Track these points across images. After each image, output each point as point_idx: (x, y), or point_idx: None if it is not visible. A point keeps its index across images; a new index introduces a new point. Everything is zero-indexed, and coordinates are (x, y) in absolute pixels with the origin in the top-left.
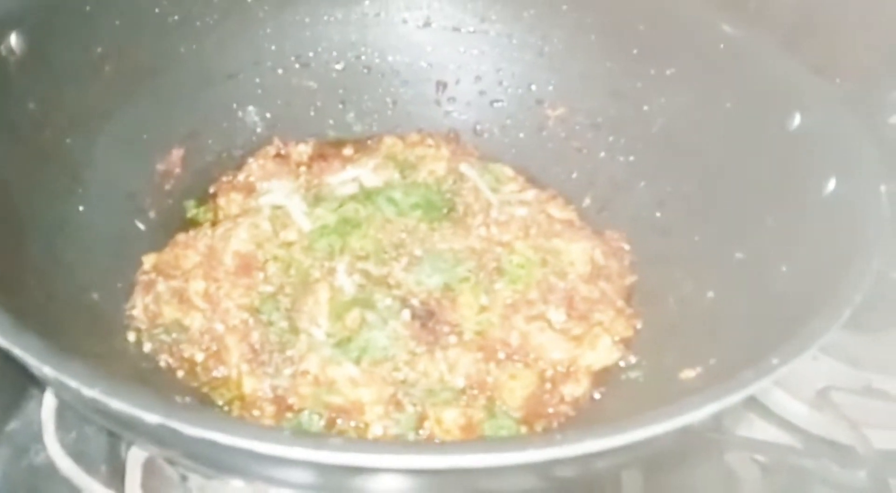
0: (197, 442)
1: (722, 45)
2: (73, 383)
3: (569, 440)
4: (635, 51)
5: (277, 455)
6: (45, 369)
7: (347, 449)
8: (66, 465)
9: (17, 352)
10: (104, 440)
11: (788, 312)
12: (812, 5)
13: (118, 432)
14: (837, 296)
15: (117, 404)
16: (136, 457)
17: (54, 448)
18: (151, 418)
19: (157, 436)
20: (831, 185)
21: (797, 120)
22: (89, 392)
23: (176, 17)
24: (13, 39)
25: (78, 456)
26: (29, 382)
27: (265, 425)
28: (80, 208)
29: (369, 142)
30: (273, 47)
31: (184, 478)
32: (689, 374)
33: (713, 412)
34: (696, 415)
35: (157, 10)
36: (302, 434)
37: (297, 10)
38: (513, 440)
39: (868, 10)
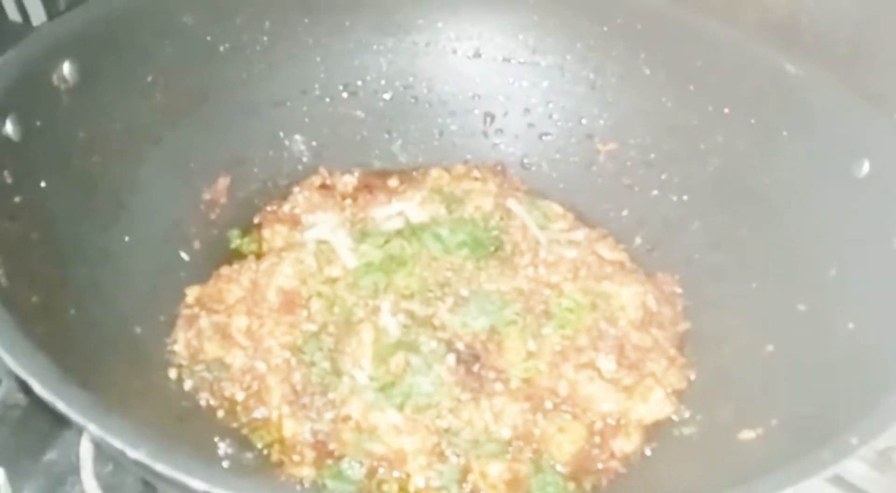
0: None
1: (783, 84)
2: (117, 444)
3: None
4: (692, 87)
5: None
6: (90, 427)
7: None
8: None
9: (61, 407)
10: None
11: (856, 375)
12: (869, 36)
13: (157, 485)
14: None
15: (162, 468)
16: None
17: (91, 486)
18: (198, 485)
19: None
20: None
21: (866, 167)
22: (134, 454)
23: (227, 45)
24: (66, 68)
25: (113, 491)
26: None
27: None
28: (126, 238)
29: (415, 173)
30: (321, 75)
31: None
32: (748, 435)
33: None
34: None
35: (208, 38)
36: None
37: (346, 38)
38: None
39: None
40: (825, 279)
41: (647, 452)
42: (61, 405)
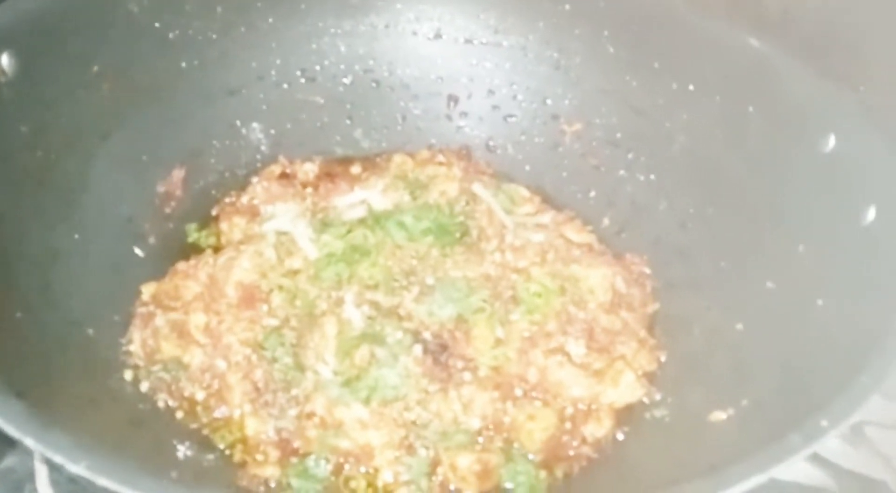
0: None
1: (749, 60)
2: (56, 458)
3: None
4: (656, 64)
5: None
6: (26, 441)
7: None
8: None
9: None
10: None
11: (826, 352)
12: (835, 15)
13: None
14: (883, 343)
15: (104, 482)
16: None
17: None
18: None
19: None
20: (871, 214)
21: (832, 142)
22: (74, 468)
23: (176, 32)
24: (4, 60)
25: None
26: None
27: None
28: (75, 236)
29: (378, 159)
30: (278, 61)
31: None
32: (719, 416)
33: (758, 482)
34: (739, 486)
35: (156, 25)
36: None
37: (302, 21)
38: None
39: (892, 18)
40: (793, 256)
41: (619, 436)
42: None
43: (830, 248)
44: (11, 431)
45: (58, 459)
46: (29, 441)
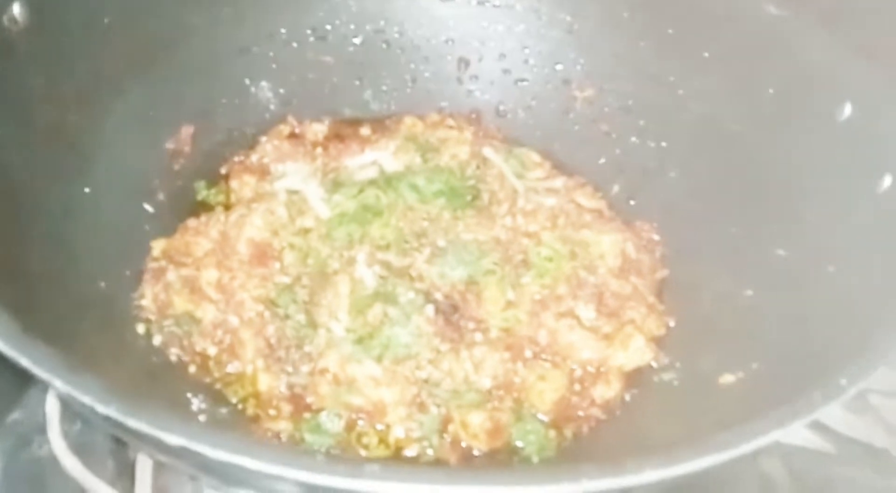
0: (218, 463)
1: (765, 27)
2: (86, 400)
3: (626, 470)
4: (671, 30)
5: (305, 482)
6: (56, 383)
7: (384, 478)
8: (71, 464)
9: (26, 363)
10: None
11: (840, 318)
12: None
13: (129, 442)
14: None
15: (135, 424)
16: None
17: (59, 446)
18: (173, 440)
19: (175, 454)
20: (887, 182)
21: (847, 110)
22: (104, 410)
23: None
24: (16, 9)
25: (83, 450)
26: None
27: (290, 448)
28: (87, 190)
29: (387, 122)
30: (288, 19)
31: (194, 477)
32: (728, 379)
33: (776, 437)
34: (758, 441)
35: None
36: (335, 461)
37: None
38: (567, 470)
39: None
40: (805, 224)
41: (627, 398)
42: (26, 362)
43: (843, 215)
44: (43, 374)
45: (87, 400)
46: (59, 383)
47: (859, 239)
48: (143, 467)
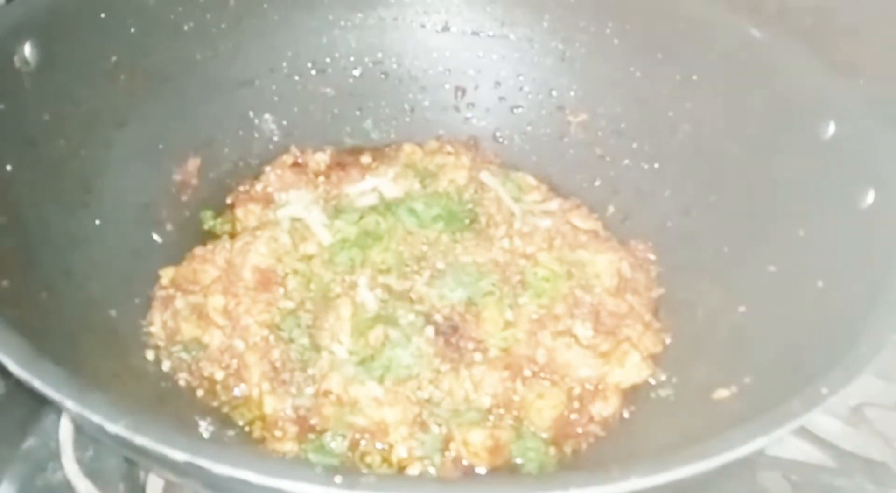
0: (224, 479)
1: (750, 50)
2: (95, 418)
3: (613, 478)
4: (659, 55)
5: None
6: (67, 403)
7: (381, 488)
8: (84, 487)
9: (37, 384)
10: (122, 458)
11: (828, 330)
12: (831, 6)
13: (139, 462)
14: (881, 317)
15: (142, 441)
16: (156, 479)
17: (72, 470)
18: (179, 456)
19: (182, 470)
20: (870, 198)
21: (832, 129)
22: (113, 428)
23: (191, 24)
24: (27, 50)
25: (96, 475)
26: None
27: (293, 462)
28: (96, 222)
29: (387, 150)
30: (289, 53)
31: None
32: (723, 394)
33: (760, 445)
34: (741, 450)
35: (171, 17)
36: (334, 472)
37: (313, 15)
38: (557, 477)
39: (889, 9)
40: (794, 241)
41: (626, 415)
42: (37, 383)
43: (830, 231)
44: (53, 394)
45: (97, 419)
46: (70, 404)
47: (845, 254)
48: (154, 489)
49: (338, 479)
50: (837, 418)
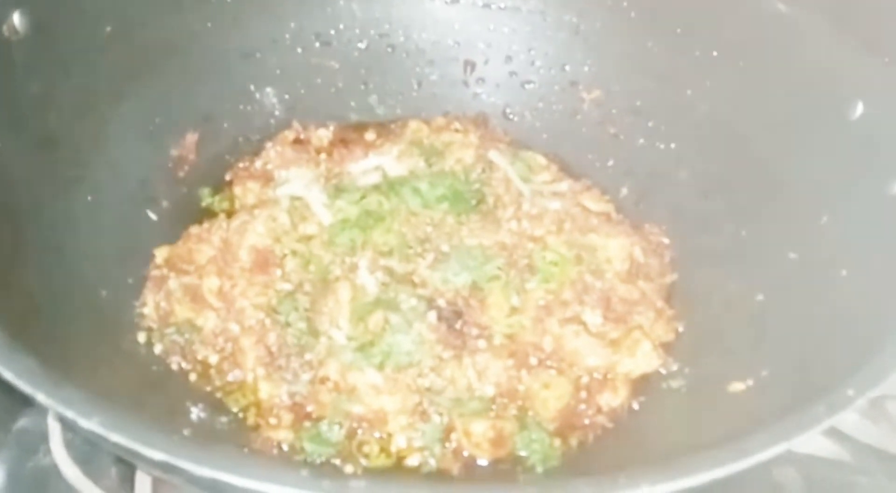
0: (205, 480)
1: (775, 25)
2: (69, 414)
3: (619, 485)
4: (679, 30)
5: None
6: (38, 397)
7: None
8: (72, 473)
9: (8, 376)
10: None
11: (850, 323)
12: None
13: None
14: None
15: (118, 438)
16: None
17: (61, 456)
18: (156, 455)
19: (162, 467)
20: None
21: (859, 109)
22: (87, 424)
23: None
24: (16, 18)
25: (86, 459)
26: None
27: (276, 462)
28: (88, 198)
29: (393, 126)
30: (293, 25)
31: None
32: (738, 387)
33: (778, 451)
34: (760, 456)
35: None
36: (319, 476)
37: None
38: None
39: None
40: (817, 226)
41: (635, 406)
42: (8, 375)
43: (855, 217)
44: (25, 387)
45: (69, 414)
46: (41, 397)
47: (872, 242)
48: (143, 477)
49: (325, 483)
50: (857, 411)
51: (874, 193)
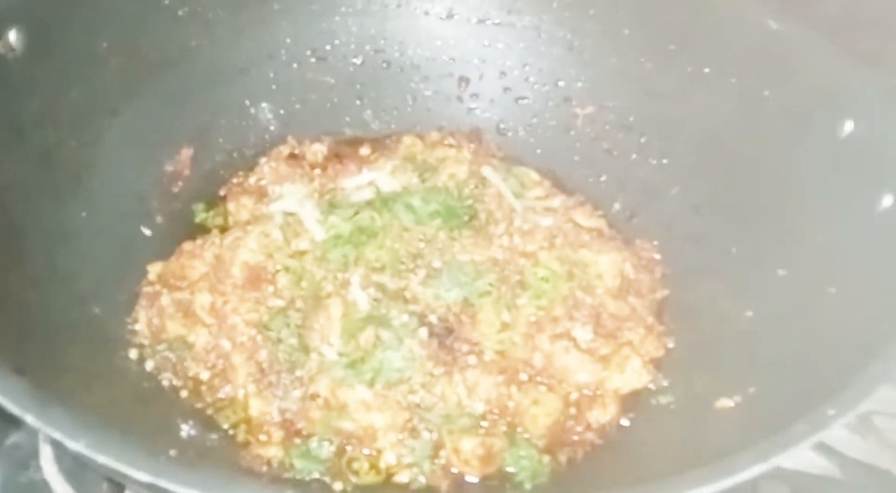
0: None
1: (766, 42)
2: (56, 435)
3: None
4: (672, 47)
5: None
6: (27, 418)
7: None
8: (63, 491)
9: None
10: None
11: (839, 341)
12: None
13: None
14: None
15: (104, 460)
16: None
17: (51, 472)
18: (142, 476)
19: (148, 488)
20: (887, 201)
21: (849, 127)
22: (74, 446)
23: (186, 9)
24: (12, 36)
25: (78, 475)
26: None
27: (261, 483)
28: (83, 214)
29: (387, 141)
30: (288, 40)
31: None
32: (726, 403)
33: (760, 471)
34: (742, 475)
35: (166, 2)
36: None
37: (312, 0)
38: None
39: None
40: (807, 244)
41: (624, 422)
42: None
43: (845, 235)
44: (12, 407)
45: (57, 435)
46: (29, 418)
47: (860, 260)
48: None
49: None
50: (846, 426)
51: (863, 211)
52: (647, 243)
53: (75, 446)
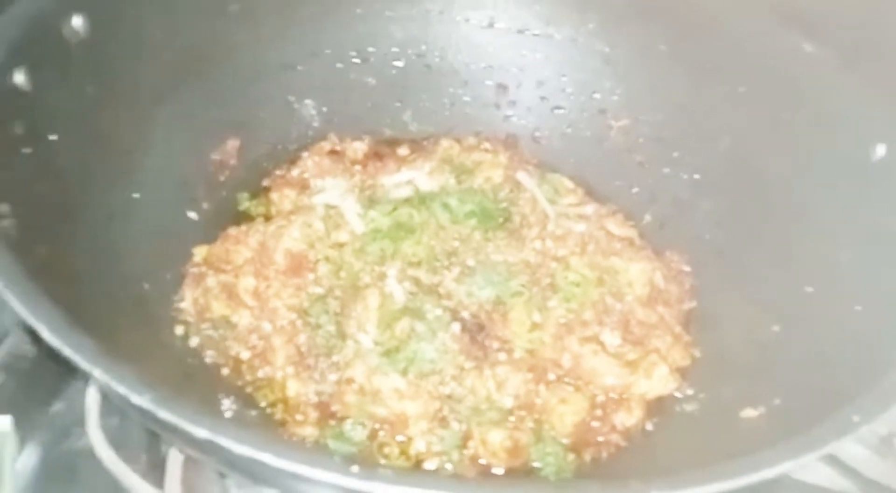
0: (243, 459)
1: (801, 64)
2: (121, 389)
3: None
4: (707, 65)
5: (325, 481)
6: (95, 373)
7: (398, 482)
8: (107, 455)
9: (68, 352)
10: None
11: (863, 357)
12: (878, 22)
13: (161, 434)
14: None
15: (166, 416)
16: (177, 453)
17: (97, 438)
18: (200, 432)
19: (202, 447)
20: None
21: (881, 151)
22: (138, 400)
23: (237, 6)
24: (76, 21)
25: (119, 443)
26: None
27: (312, 448)
28: (135, 196)
29: (425, 143)
30: (333, 40)
31: (222, 475)
32: (750, 413)
33: (784, 470)
34: (765, 473)
35: None
36: (351, 462)
37: (358, 3)
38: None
39: None
40: (834, 263)
41: (649, 427)
42: (68, 351)
43: (872, 256)
44: (83, 363)
45: (123, 390)
46: (98, 372)
47: (886, 280)
48: (174, 462)
49: (354, 469)
50: (867, 447)
51: (891, 234)
52: (676, 255)
53: (140, 400)
